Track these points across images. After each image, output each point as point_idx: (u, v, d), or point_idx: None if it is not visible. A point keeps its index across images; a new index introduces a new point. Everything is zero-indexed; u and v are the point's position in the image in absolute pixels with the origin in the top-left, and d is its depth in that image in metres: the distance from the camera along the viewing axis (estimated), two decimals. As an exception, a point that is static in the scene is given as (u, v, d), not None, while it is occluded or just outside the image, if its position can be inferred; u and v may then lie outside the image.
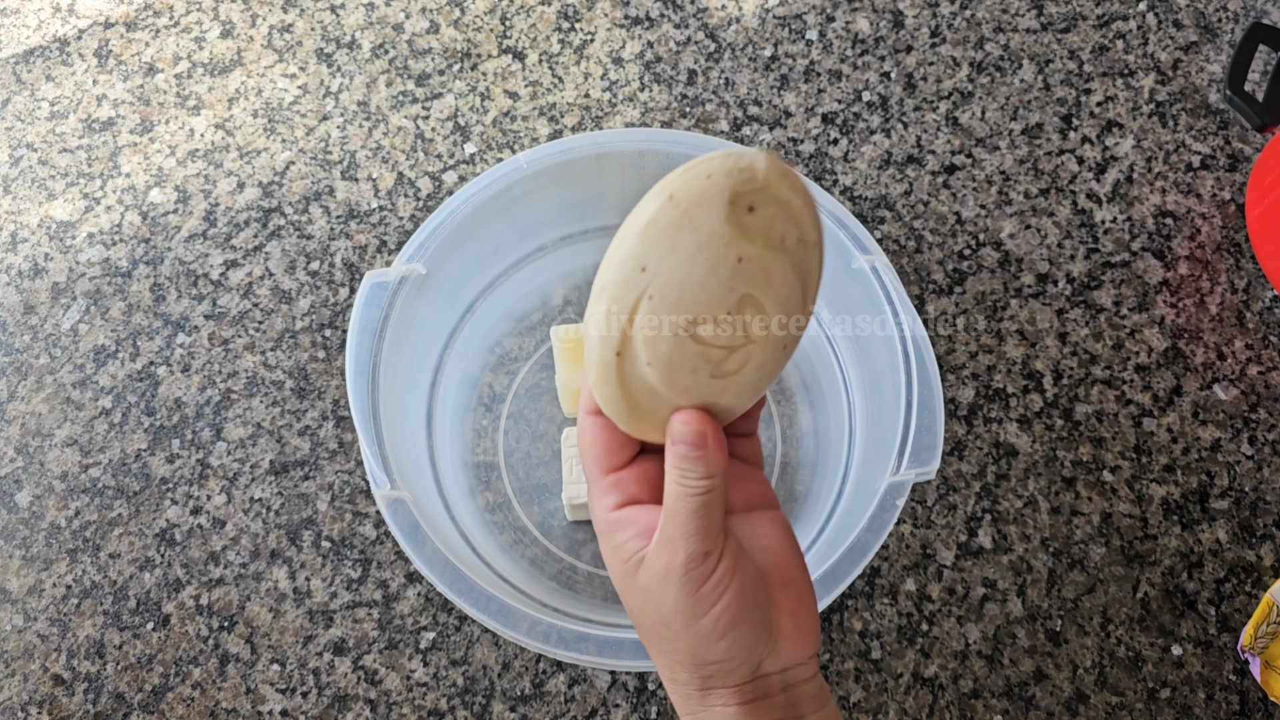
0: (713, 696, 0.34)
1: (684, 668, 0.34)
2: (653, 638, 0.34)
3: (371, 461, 0.51)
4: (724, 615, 0.32)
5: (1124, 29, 0.79)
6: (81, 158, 0.73)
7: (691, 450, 0.32)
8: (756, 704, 0.33)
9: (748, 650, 0.33)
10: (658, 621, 0.33)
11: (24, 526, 0.62)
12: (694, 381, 0.31)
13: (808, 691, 0.34)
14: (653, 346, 0.30)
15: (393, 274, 0.55)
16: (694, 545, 0.32)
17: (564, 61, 0.77)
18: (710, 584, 0.32)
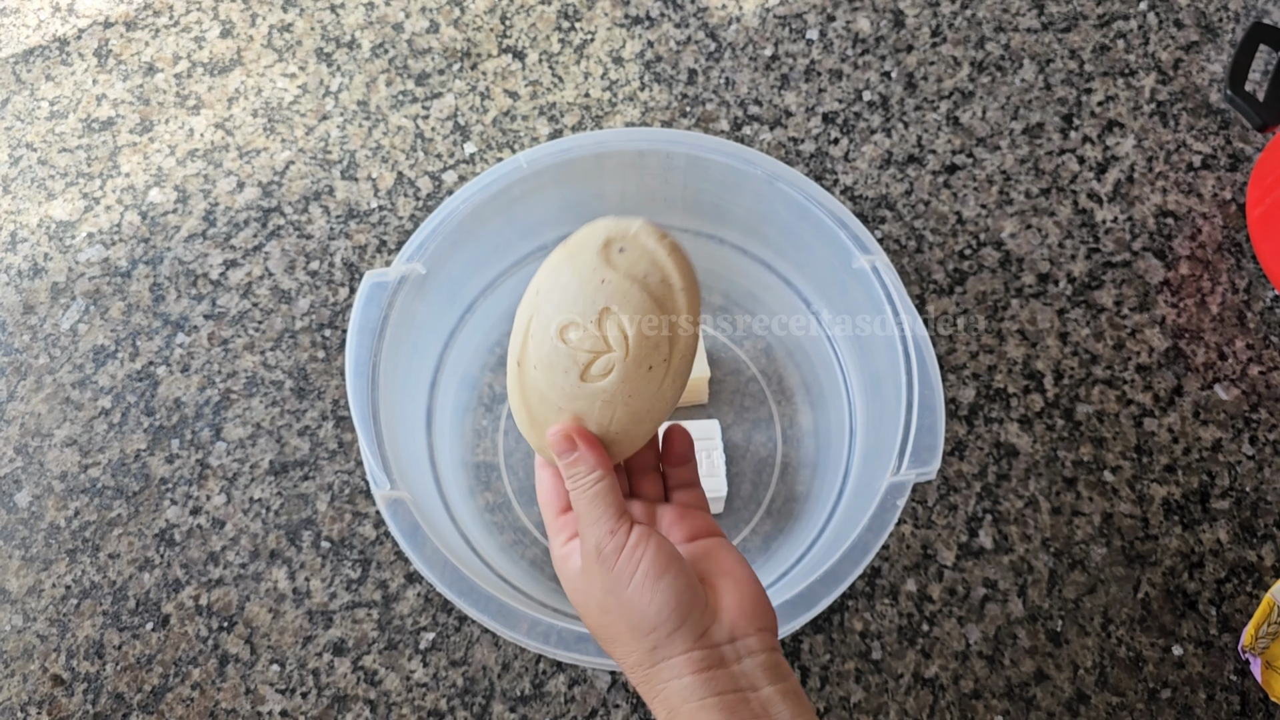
0: (665, 669, 0.35)
1: (632, 648, 0.36)
2: (601, 631, 0.37)
3: (371, 462, 0.51)
4: (647, 576, 0.35)
5: (1125, 28, 0.79)
6: (81, 157, 0.73)
7: (565, 454, 0.38)
8: (711, 673, 0.35)
9: (681, 608, 0.35)
10: (599, 611, 0.36)
11: (23, 527, 0.62)
12: (567, 383, 0.36)
13: (764, 664, 0.36)
14: (537, 349, 0.37)
15: (392, 274, 0.55)
16: (600, 528, 0.36)
17: (564, 61, 0.77)
18: (624, 554, 0.36)
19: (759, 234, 0.64)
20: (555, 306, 0.36)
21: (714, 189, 0.62)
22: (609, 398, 0.37)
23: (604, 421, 0.37)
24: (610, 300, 0.36)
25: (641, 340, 0.36)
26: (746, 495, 0.63)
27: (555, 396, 0.37)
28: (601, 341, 0.36)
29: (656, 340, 0.37)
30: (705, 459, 0.60)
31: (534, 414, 0.38)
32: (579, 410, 0.37)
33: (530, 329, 0.37)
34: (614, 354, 0.36)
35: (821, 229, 0.58)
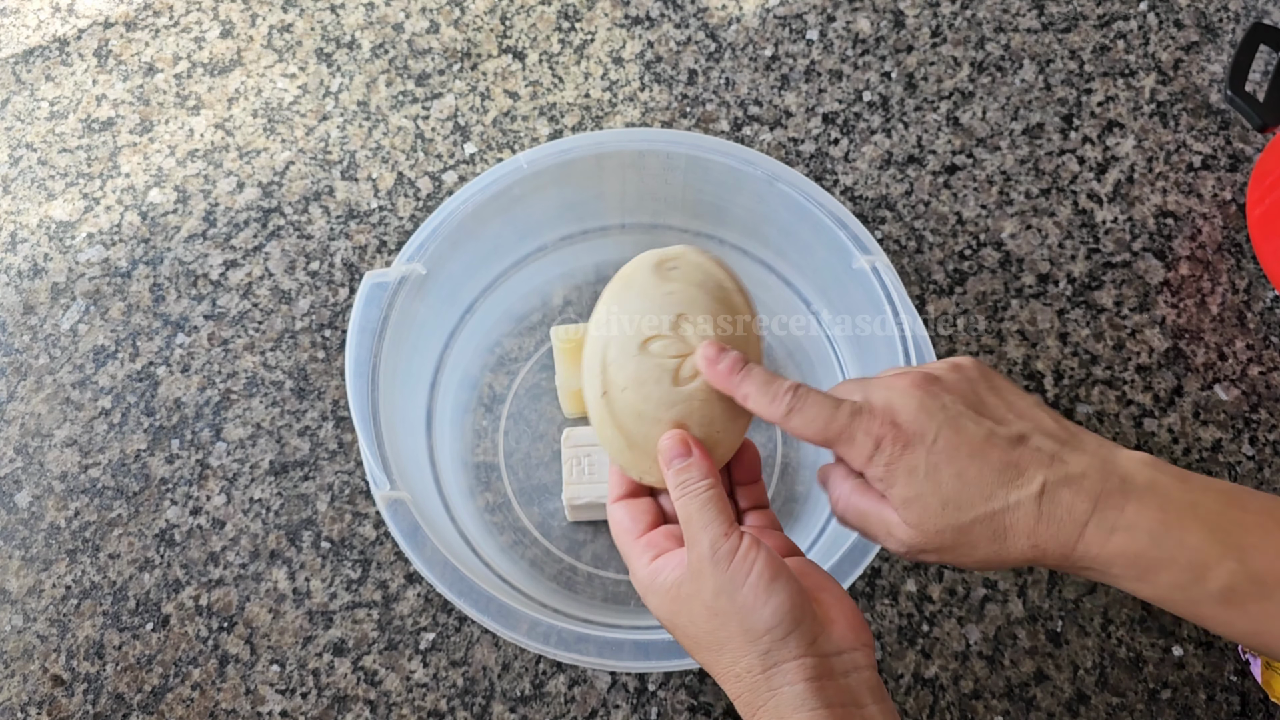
0: (778, 675, 0.35)
1: (743, 653, 0.35)
2: (707, 638, 0.36)
3: (371, 462, 0.51)
4: (761, 578, 0.35)
5: (1125, 29, 0.79)
6: (81, 158, 0.73)
7: (679, 460, 0.37)
8: (821, 682, 0.35)
9: (795, 611, 0.35)
10: (707, 615, 0.36)
11: (23, 527, 0.62)
12: (661, 393, 0.37)
13: (868, 681, 0.36)
14: (621, 371, 0.37)
15: (392, 274, 0.55)
16: (714, 530, 0.36)
17: (564, 61, 0.77)
18: (739, 556, 0.35)
19: (759, 234, 0.64)
20: (631, 327, 0.37)
21: (714, 189, 0.62)
22: (705, 395, 0.37)
23: (705, 422, 0.38)
24: (681, 306, 0.37)
25: (720, 335, 0.37)
26: (746, 495, 0.63)
27: (652, 409, 0.37)
28: (685, 344, 0.37)
29: (732, 336, 0.38)
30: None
31: (632, 436, 0.38)
32: (679, 417, 0.37)
33: (607, 357, 0.38)
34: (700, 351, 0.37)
35: (821, 229, 0.58)
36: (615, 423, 0.38)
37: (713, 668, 0.37)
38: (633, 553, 0.40)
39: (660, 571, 0.38)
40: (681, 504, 0.37)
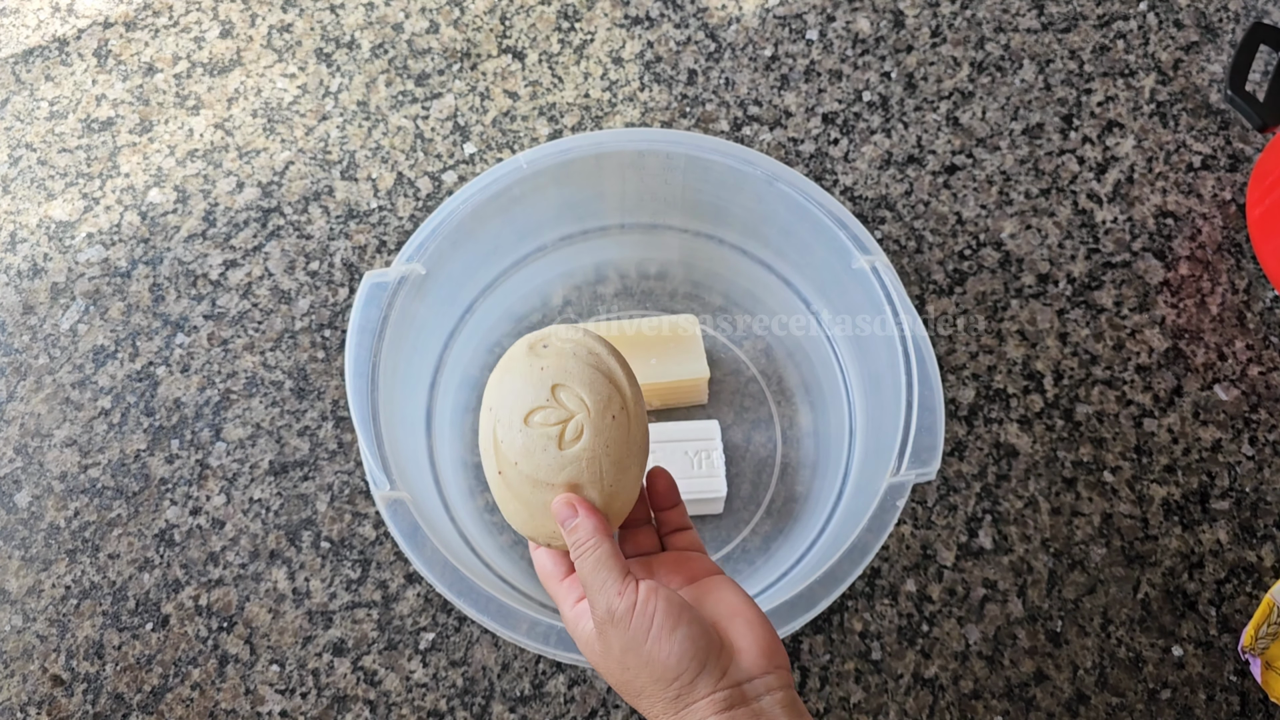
0: (690, 714, 0.37)
1: (657, 697, 0.37)
2: (625, 688, 0.38)
3: (371, 462, 0.51)
4: (661, 630, 0.37)
5: (1125, 29, 0.79)
6: (81, 158, 0.73)
7: (569, 520, 0.39)
8: (733, 712, 0.36)
9: (700, 654, 0.37)
10: (620, 669, 0.38)
11: (23, 527, 0.62)
12: (548, 459, 0.40)
13: (782, 701, 0.37)
14: (510, 446, 0.40)
15: (392, 274, 0.55)
16: (608, 591, 0.38)
17: (564, 61, 0.77)
18: (637, 611, 0.37)
19: (759, 234, 0.64)
20: (512, 405, 0.41)
21: (714, 189, 0.62)
22: (590, 454, 0.40)
23: (595, 479, 0.40)
24: (555, 378, 0.41)
25: (596, 397, 0.40)
26: (746, 496, 0.63)
27: (544, 475, 0.40)
28: (564, 410, 0.40)
29: (609, 394, 0.41)
30: (705, 459, 0.60)
31: (529, 504, 0.41)
32: (569, 479, 0.40)
33: (497, 435, 0.41)
34: (578, 415, 0.40)
35: (821, 229, 0.58)
36: (513, 494, 0.41)
37: (638, 709, 0.39)
38: (558, 595, 0.42)
39: (580, 619, 0.40)
40: (578, 565, 0.39)
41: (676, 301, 0.69)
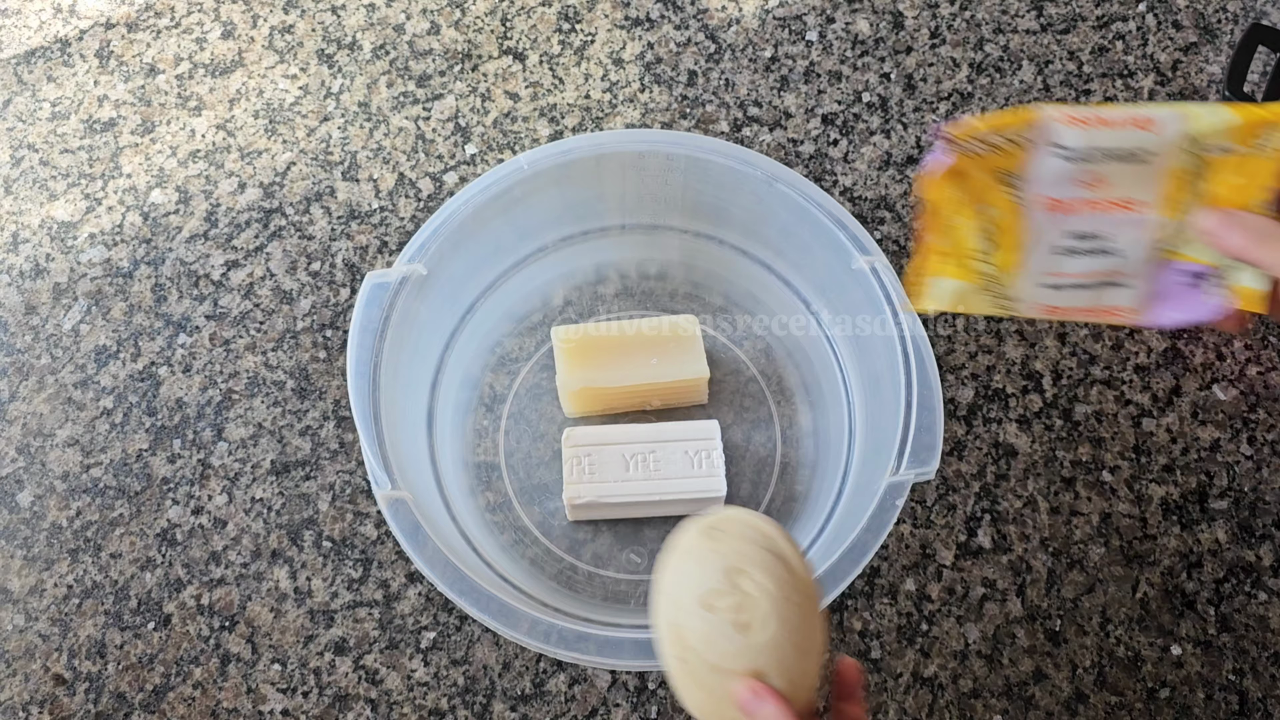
0: None
1: None
2: None
3: (372, 461, 0.51)
4: None
5: (1123, 30, 0.79)
6: (83, 158, 0.74)
7: (750, 704, 0.39)
8: None
9: None
10: None
11: (25, 526, 0.62)
12: (730, 645, 0.40)
13: None
14: (694, 634, 0.40)
15: (393, 274, 0.55)
16: None
17: (564, 62, 0.77)
18: None
19: (759, 235, 0.64)
20: (691, 590, 0.41)
21: (713, 190, 0.62)
22: (774, 641, 0.40)
23: (778, 666, 0.40)
24: (734, 560, 0.41)
25: (776, 581, 0.40)
26: (746, 495, 0.63)
27: (727, 662, 0.40)
28: (746, 596, 0.40)
29: (786, 578, 0.41)
30: (705, 459, 0.60)
31: (712, 692, 0.40)
32: (752, 666, 0.40)
33: (679, 622, 0.41)
34: (760, 602, 0.40)
35: (821, 230, 0.58)
36: (696, 682, 0.41)
37: None
38: None
39: None
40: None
41: (676, 301, 0.69)
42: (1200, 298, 0.43)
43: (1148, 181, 0.42)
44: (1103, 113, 0.42)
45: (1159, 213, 0.43)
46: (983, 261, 0.44)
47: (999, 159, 0.43)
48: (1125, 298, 0.44)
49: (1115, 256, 0.44)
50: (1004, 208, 0.44)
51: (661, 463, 0.60)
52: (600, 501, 0.59)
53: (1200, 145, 0.42)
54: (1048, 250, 0.44)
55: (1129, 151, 0.42)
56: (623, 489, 0.59)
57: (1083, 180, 0.43)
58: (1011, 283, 0.44)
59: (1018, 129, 0.42)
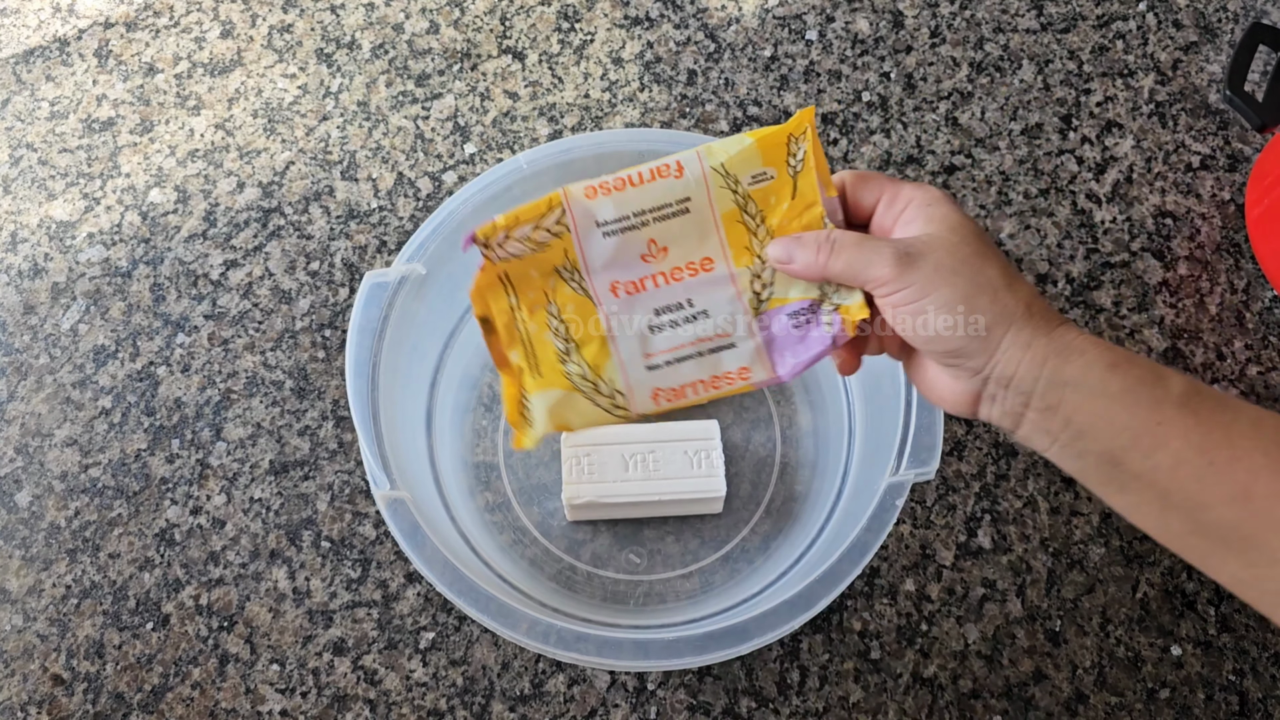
0: None
1: None
2: None
3: (371, 461, 0.51)
4: None
5: (1124, 29, 0.79)
6: (81, 158, 0.73)
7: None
8: None
9: None
10: None
11: (24, 526, 0.62)
12: None
13: None
14: None
15: (392, 274, 0.55)
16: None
17: (564, 62, 0.77)
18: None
19: (758, 234, 0.64)
20: None
21: (713, 189, 0.62)
22: None
23: None
24: None
25: None
26: (746, 495, 0.63)
27: None
28: None
29: None
30: (704, 459, 0.60)
31: None
32: None
33: None
34: None
35: (820, 229, 0.58)
36: None
37: None
38: None
39: None
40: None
41: (676, 301, 0.69)
42: (813, 333, 0.40)
43: (705, 234, 0.40)
44: (623, 174, 0.40)
45: (734, 264, 0.40)
46: (569, 363, 0.42)
47: (546, 255, 0.41)
48: (740, 359, 0.41)
49: (711, 319, 0.41)
50: (572, 301, 0.41)
51: (661, 463, 0.60)
52: (599, 501, 0.59)
53: (732, 179, 0.40)
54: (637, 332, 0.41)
55: (667, 204, 0.40)
56: (622, 489, 0.59)
57: (643, 253, 0.41)
58: (612, 377, 0.41)
59: (544, 217, 0.40)
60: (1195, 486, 0.34)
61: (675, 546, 0.62)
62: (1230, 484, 0.34)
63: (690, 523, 0.62)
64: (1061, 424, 0.36)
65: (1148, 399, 0.35)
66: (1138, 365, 0.36)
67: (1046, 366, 0.36)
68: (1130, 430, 0.35)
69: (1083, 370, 0.35)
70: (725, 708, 0.57)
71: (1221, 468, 0.34)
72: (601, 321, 0.41)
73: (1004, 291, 0.36)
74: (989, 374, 0.37)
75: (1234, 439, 0.34)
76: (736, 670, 0.58)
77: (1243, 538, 0.34)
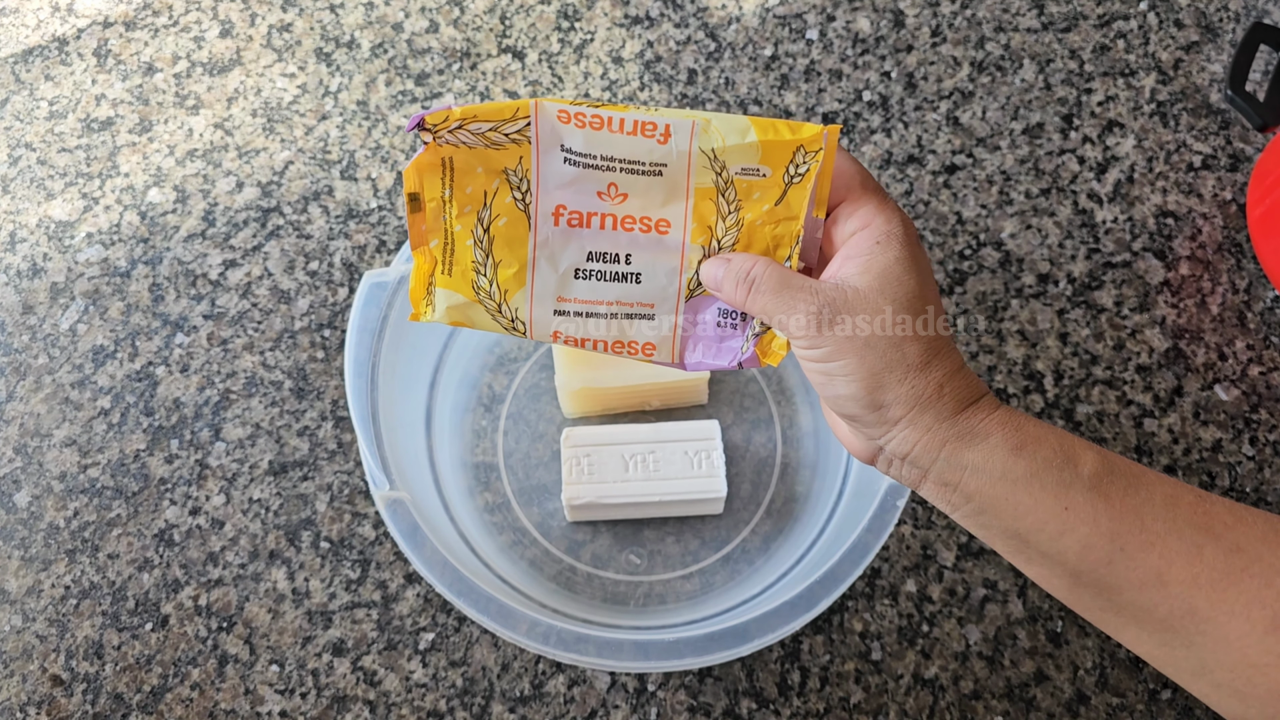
0: None
1: None
2: None
3: (370, 462, 0.51)
4: None
5: (1125, 28, 0.78)
6: (80, 157, 0.73)
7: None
8: None
9: None
10: None
11: (23, 527, 0.62)
12: None
13: None
14: None
15: (392, 274, 0.55)
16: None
17: (564, 61, 0.77)
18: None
19: (759, 234, 0.64)
20: None
21: (714, 189, 0.62)
22: None
23: None
24: None
25: None
26: (746, 496, 0.63)
27: None
28: None
29: None
30: (705, 459, 0.60)
31: None
32: None
33: None
34: None
35: (821, 229, 0.58)
36: None
37: None
38: None
39: None
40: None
41: (676, 301, 0.69)
42: (730, 343, 0.38)
43: (671, 198, 0.38)
44: (606, 113, 0.37)
45: (690, 238, 0.38)
46: (481, 275, 0.39)
47: (498, 154, 0.38)
48: (651, 333, 0.39)
49: (640, 285, 0.39)
50: (507, 214, 0.39)
51: (661, 463, 0.60)
52: (600, 502, 0.59)
53: (719, 163, 0.37)
54: (559, 271, 0.39)
55: (640, 162, 0.37)
56: (622, 489, 0.59)
57: (599, 190, 0.38)
58: (515, 304, 0.39)
59: (506, 122, 0.37)
60: (1105, 570, 0.33)
61: (675, 547, 0.61)
62: (1143, 569, 0.33)
63: (691, 523, 0.62)
64: (962, 499, 0.35)
65: (1054, 483, 0.34)
66: (1045, 447, 0.34)
67: (945, 449, 0.35)
68: (1035, 514, 0.34)
69: (984, 456, 0.34)
70: (726, 709, 0.57)
71: (1133, 553, 0.33)
72: (529, 249, 0.39)
73: (917, 373, 0.35)
74: (884, 445, 0.36)
75: (1146, 523, 0.33)
76: (737, 671, 0.58)
77: (1158, 620, 0.33)
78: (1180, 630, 0.33)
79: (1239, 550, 0.32)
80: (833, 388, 0.36)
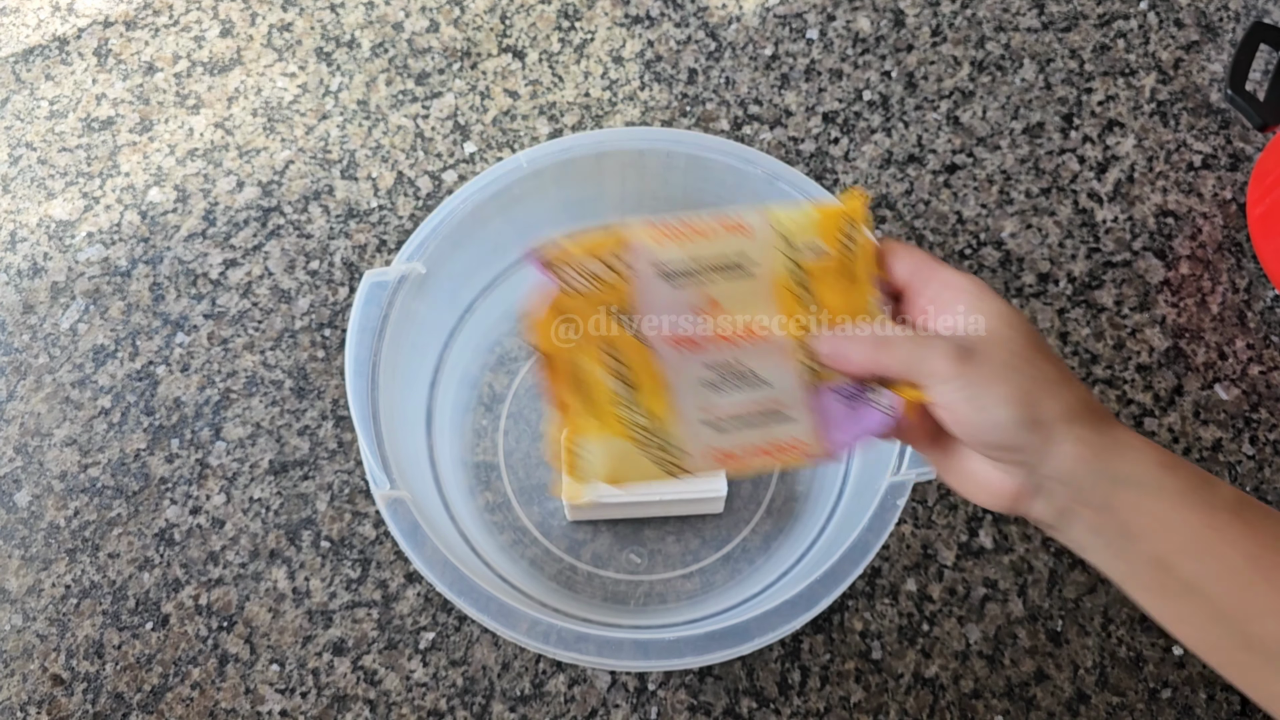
0: None
1: None
2: None
3: (371, 461, 0.51)
4: None
5: (1125, 28, 0.78)
6: (81, 157, 0.73)
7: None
8: None
9: None
10: None
11: (23, 526, 0.62)
12: None
13: None
14: None
15: (392, 273, 0.55)
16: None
17: (564, 60, 0.77)
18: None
19: (759, 233, 0.64)
20: None
21: (714, 189, 0.62)
22: None
23: None
24: None
25: None
26: (746, 495, 0.63)
27: None
28: None
29: None
30: (705, 459, 0.60)
31: None
32: None
33: None
34: None
35: (821, 228, 0.58)
36: None
37: None
38: None
39: None
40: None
41: (677, 301, 0.69)
42: (864, 415, 0.38)
43: (762, 300, 0.38)
44: (691, 221, 0.38)
45: (787, 334, 0.38)
46: (627, 409, 0.39)
47: (606, 294, 0.38)
48: (795, 431, 0.39)
49: (767, 386, 0.39)
50: (629, 348, 0.38)
51: (661, 462, 0.60)
52: (600, 501, 0.59)
53: (793, 247, 0.38)
54: (695, 385, 0.39)
55: (731, 261, 0.38)
56: (623, 489, 0.59)
57: (696, 306, 0.38)
58: (671, 429, 0.39)
59: (612, 250, 0.37)
60: (1245, 595, 0.33)
61: (676, 546, 0.61)
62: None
63: (691, 522, 0.62)
64: (1111, 522, 0.35)
65: (1201, 503, 0.34)
66: (1188, 467, 0.35)
67: (1099, 461, 0.35)
68: (1181, 534, 0.34)
69: (1135, 467, 0.35)
70: (726, 708, 0.57)
71: (1274, 579, 0.33)
72: (660, 366, 0.38)
73: (1061, 386, 0.35)
74: (1042, 469, 0.36)
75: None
76: (737, 670, 0.58)
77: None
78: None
79: None
80: (989, 417, 0.35)
